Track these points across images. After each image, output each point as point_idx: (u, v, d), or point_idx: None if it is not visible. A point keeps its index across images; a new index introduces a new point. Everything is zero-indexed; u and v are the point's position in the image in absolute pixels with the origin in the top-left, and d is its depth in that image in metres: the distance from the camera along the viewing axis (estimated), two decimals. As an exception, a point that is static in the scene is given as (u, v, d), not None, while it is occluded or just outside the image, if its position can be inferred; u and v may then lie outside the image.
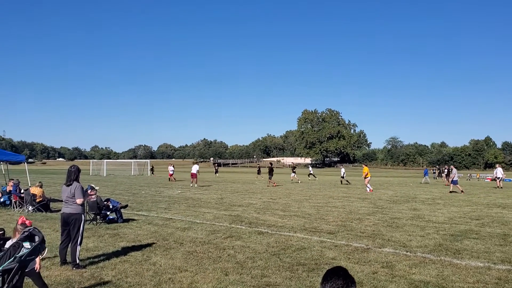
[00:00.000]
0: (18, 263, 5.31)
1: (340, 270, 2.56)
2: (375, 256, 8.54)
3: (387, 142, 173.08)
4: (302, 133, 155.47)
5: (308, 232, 11.41)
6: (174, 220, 13.51)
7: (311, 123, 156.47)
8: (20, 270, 5.36)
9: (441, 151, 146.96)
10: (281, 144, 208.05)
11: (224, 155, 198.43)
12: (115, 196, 21.05)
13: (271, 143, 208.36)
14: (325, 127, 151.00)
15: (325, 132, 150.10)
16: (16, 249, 5.43)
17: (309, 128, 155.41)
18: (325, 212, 15.75)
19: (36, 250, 5.59)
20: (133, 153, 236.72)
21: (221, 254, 8.70)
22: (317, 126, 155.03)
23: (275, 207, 17.56)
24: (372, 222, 13.30)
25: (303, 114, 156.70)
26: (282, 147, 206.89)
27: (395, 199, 21.78)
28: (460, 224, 12.85)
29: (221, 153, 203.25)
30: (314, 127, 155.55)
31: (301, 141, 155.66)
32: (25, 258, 5.40)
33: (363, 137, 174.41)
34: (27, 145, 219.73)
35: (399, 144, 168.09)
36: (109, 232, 11.37)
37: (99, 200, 13.07)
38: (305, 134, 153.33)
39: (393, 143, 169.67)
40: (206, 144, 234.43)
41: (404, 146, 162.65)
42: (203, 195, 23.69)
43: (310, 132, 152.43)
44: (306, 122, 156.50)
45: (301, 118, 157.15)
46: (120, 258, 8.33)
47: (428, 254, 8.74)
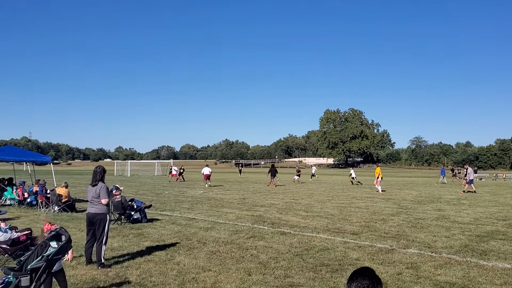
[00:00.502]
0: (46, 262, 5.41)
1: (367, 270, 2.55)
2: (400, 257, 8.45)
3: (411, 142, 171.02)
4: (324, 133, 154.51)
5: (331, 232, 11.34)
6: (197, 220, 13.59)
7: (333, 123, 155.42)
8: (47, 269, 5.47)
9: (466, 151, 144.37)
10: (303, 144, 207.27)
11: (246, 155, 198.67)
12: (139, 196, 21.29)
13: (293, 143, 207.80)
14: (348, 127, 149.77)
15: (348, 132, 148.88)
16: (43, 248, 5.54)
17: (331, 128, 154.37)
18: (348, 213, 15.64)
19: (63, 249, 5.69)
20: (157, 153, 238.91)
21: (244, 254, 8.71)
22: (340, 126, 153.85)
23: (297, 207, 17.51)
24: (396, 222, 13.15)
25: (326, 114, 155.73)
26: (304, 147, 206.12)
27: (420, 199, 21.49)
28: (486, 225, 12.61)
29: (243, 153, 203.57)
30: (337, 127, 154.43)
31: (323, 141, 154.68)
32: (52, 257, 5.50)
33: (386, 137, 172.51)
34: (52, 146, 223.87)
35: (423, 144, 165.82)
36: (133, 231, 11.49)
37: (124, 200, 13.23)
38: (327, 134, 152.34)
39: (417, 143, 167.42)
40: (228, 145, 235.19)
41: (428, 146, 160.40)
42: (225, 195, 23.77)
43: (332, 132, 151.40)
44: (328, 122, 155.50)
45: (323, 118, 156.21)
46: (145, 257, 8.41)
47: (454, 255, 8.60)
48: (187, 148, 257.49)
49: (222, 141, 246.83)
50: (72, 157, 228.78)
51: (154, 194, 24.75)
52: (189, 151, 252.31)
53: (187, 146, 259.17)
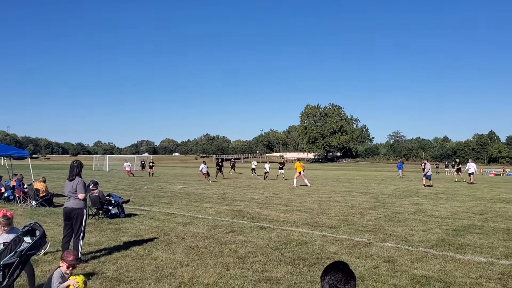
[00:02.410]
0: (19, 258, 5.31)
1: (340, 264, 2.55)
2: (377, 250, 8.52)
3: (389, 136, 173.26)
4: (305, 128, 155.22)
5: (310, 226, 11.39)
6: (175, 215, 13.51)
7: (314, 118, 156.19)
8: (21, 265, 5.36)
9: (444, 146, 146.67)
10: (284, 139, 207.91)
11: (227, 150, 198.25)
12: (117, 191, 21.08)
13: (274, 138, 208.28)
14: (328, 122, 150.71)
15: (328, 127, 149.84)
16: (17, 244, 5.43)
17: (312, 123, 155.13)
18: (327, 207, 15.73)
19: (37, 245, 5.59)
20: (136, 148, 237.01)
21: (222, 249, 8.69)
22: (320, 121, 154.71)
23: (277, 202, 17.54)
24: (374, 216, 13.27)
25: (306, 109, 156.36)
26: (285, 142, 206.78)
27: (397, 193, 21.74)
28: (463, 219, 12.81)
29: (224, 148, 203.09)
30: (317, 122, 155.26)
31: (304, 136, 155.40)
32: (25, 253, 5.40)
33: (365, 132, 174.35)
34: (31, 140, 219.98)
35: (401, 138, 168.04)
36: (111, 226, 11.38)
37: (101, 195, 13.10)
38: (308, 129, 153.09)
39: (396, 137, 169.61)
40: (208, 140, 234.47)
41: (406, 141, 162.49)
42: (205, 190, 23.69)
43: (313, 127, 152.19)
44: (309, 117, 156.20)
45: (304, 113, 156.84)
46: (122, 252, 8.33)
47: (431, 249, 8.71)
48: (167, 142, 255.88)
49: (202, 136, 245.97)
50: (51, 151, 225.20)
51: (133, 189, 24.53)
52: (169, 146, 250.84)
53: (167, 141, 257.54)
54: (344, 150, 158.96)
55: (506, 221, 12.55)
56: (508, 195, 21.50)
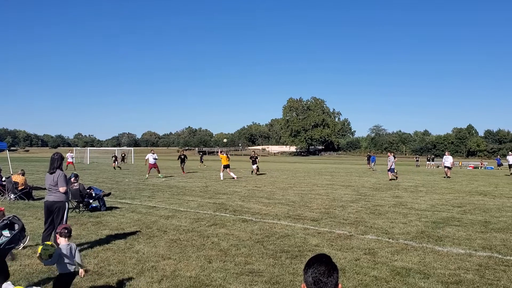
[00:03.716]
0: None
1: (323, 257, 2.56)
2: (358, 243, 8.60)
3: (370, 130, 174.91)
4: (287, 121, 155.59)
5: (292, 219, 11.44)
6: (157, 208, 13.44)
7: (296, 111, 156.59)
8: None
9: (424, 139, 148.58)
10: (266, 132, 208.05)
11: (209, 143, 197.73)
12: (98, 184, 20.89)
13: (256, 131, 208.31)
14: (310, 116, 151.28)
15: (310, 120, 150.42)
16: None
17: (294, 117, 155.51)
18: (309, 200, 15.82)
19: (16, 238, 5.50)
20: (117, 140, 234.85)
21: (204, 242, 8.68)
22: (302, 115, 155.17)
23: (259, 194, 17.58)
24: (355, 209, 13.39)
25: (288, 103, 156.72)
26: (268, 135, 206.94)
27: (378, 186, 21.96)
28: (442, 212, 13.00)
29: (206, 141, 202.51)
30: (299, 116, 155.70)
31: (286, 130, 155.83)
32: (4, 247, 5.31)
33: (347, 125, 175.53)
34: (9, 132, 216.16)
35: (382, 132, 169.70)
36: (91, 220, 11.27)
37: (82, 188, 12.95)
38: (290, 123, 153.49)
39: (377, 131, 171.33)
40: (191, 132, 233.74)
41: (387, 134, 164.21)
42: (187, 183, 23.61)
43: (295, 121, 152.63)
44: (291, 110, 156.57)
45: (286, 106, 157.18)
46: (103, 246, 8.26)
47: (410, 241, 8.82)
48: (149, 135, 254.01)
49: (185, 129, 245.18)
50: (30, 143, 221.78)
51: (114, 182, 24.32)
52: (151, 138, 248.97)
53: (149, 133, 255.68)
54: (326, 144, 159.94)
55: (484, 213, 12.78)
56: (485, 188, 21.89)
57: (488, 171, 46.98)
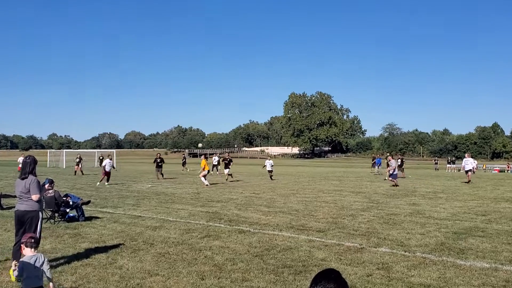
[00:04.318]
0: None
1: (332, 272, 2.55)
2: (370, 256, 8.61)
3: (383, 129, 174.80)
4: (289, 119, 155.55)
5: (295, 230, 11.45)
6: (143, 218, 13.45)
7: (299, 108, 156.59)
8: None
9: (444, 139, 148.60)
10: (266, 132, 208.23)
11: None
12: (76, 191, 20.87)
13: (254, 130, 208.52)
14: (315, 113, 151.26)
15: (315, 118, 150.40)
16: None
17: (296, 114, 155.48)
18: (314, 208, 15.84)
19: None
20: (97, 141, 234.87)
21: (196, 256, 8.68)
22: (306, 112, 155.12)
23: (258, 202, 17.60)
24: (367, 218, 13.41)
25: (290, 98, 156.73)
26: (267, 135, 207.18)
27: (392, 192, 22.00)
28: (464, 221, 13.02)
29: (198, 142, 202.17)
30: (303, 113, 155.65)
31: (287, 129, 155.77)
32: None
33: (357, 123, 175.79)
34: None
35: (397, 131, 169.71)
36: (69, 231, 11.26)
37: (58, 195, 12.93)
38: (292, 121, 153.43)
39: (391, 130, 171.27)
40: (180, 132, 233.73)
41: (402, 134, 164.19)
42: (176, 189, 23.62)
43: (298, 118, 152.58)
44: (293, 107, 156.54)
45: (288, 102, 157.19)
46: (82, 261, 8.25)
47: (429, 254, 8.84)
48: (133, 135, 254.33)
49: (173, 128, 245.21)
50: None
51: (94, 188, 24.31)
52: (135, 139, 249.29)
53: (133, 134, 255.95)
54: (333, 144, 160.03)
55: (511, 222, 12.80)
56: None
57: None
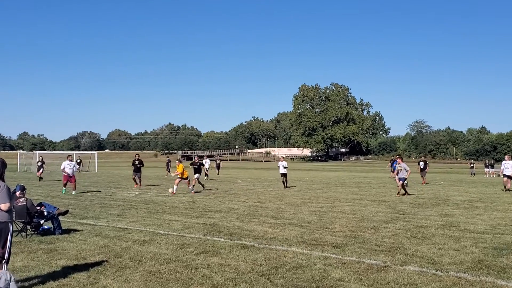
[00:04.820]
0: None
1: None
2: (395, 276, 8.60)
3: (410, 127, 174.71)
4: (299, 115, 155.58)
5: (307, 245, 11.44)
6: (130, 231, 13.46)
7: (311, 102, 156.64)
8: None
9: (481, 139, 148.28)
10: (272, 130, 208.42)
11: (196, 144, 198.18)
12: (51, 200, 20.93)
13: (258, 129, 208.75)
14: (330, 108, 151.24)
15: (330, 114, 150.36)
16: None
17: (308, 109, 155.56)
18: (329, 219, 15.83)
19: None
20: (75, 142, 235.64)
21: (192, 275, 8.69)
22: (319, 107, 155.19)
23: (263, 213, 17.60)
24: (391, 232, 13.39)
25: (301, 91, 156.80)
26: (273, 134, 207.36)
27: (421, 201, 21.96)
28: (505, 234, 12.99)
29: (192, 142, 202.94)
30: (315, 108, 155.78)
31: (298, 127, 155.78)
32: None
33: (379, 121, 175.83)
34: None
35: (426, 130, 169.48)
36: (43, 246, 11.28)
37: (30, 204, 12.93)
38: (303, 117, 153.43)
39: (419, 128, 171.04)
40: (172, 131, 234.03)
41: (432, 133, 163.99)
42: (168, 197, 23.65)
43: (309, 115, 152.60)
44: (304, 101, 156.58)
45: (298, 95, 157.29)
46: (59, 281, 8.26)
47: (464, 273, 8.81)
48: (117, 134, 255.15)
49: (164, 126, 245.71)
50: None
51: (72, 196, 24.36)
52: (120, 139, 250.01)
53: (117, 133, 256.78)
54: (351, 145, 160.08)
55: (561, 236, 12.76)
56: None
57: None
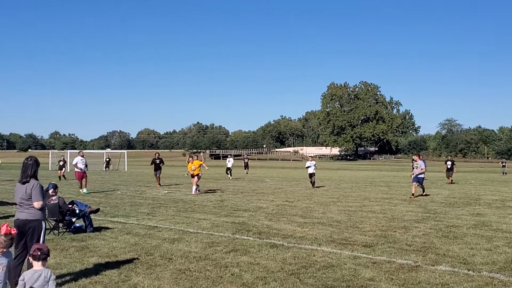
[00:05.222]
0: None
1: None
2: (427, 276, 8.53)
3: (441, 126, 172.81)
4: (327, 114, 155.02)
5: (336, 244, 11.41)
6: (160, 229, 13.56)
7: (339, 101, 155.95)
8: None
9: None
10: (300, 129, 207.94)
11: (224, 144, 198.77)
12: (82, 198, 21.15)
13: (286, 128, 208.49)
14: (359, 107, 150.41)
15: (359, 113, 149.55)
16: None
17: (337, 108, 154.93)
18: (359, 219, 15.75)
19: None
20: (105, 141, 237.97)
21: (222, 273, 8.72)
22: (348, 105, 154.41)
23: (292, 212, 17.59)
24: (422, 231, 13.29)
25: (330, 90, 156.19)
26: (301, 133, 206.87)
27: (452, 200, 21.74)
28: (539, 234, 12.81)
29: (220, 141, 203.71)
30: (344, 107, 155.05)
31: (326, 125, 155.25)
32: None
33: (409, 119, 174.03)
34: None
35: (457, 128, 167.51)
36: (75, 244, 11.42)
37: (62, 202, 13.08)
38: (331, 116, 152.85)
39: (449, 127, 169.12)
40: (200, 130, 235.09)
41: (463, 131, 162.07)
42: (197, 196, 23.74)
43: (338, 113, 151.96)
44: (333, 99, 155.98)
45: (326, 94, 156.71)
46: (90, 278, 8.35)
47: (497, 273, 8.71)
48: (146, 134, 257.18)
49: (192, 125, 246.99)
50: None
51: (103, 194, 24.63)
52: (149, 138, 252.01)
53: (146, 132, 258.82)
54: (381, 144, 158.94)
55: None
56: None
57: None
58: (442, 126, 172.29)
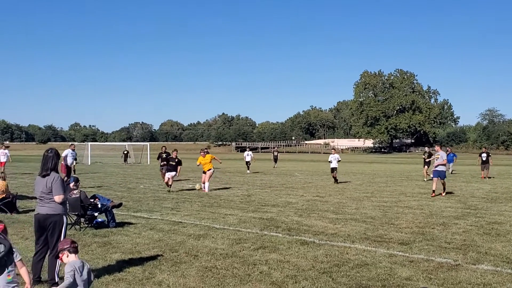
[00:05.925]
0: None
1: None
2: (468, 275, 8.47)
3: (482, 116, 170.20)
4: (360, 104, 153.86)
5: (371, 242, 11.38)
6: (184, 225, 13.65)
7: (373, 90, 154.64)
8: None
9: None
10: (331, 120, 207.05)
11: (251, 136, 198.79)
12: (104, 192, 21.35)
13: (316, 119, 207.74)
14: (394, 96, 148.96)
15: (394, 102, 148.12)
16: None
17: (370, 98, 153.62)
18: (394, 215, 15.68)
19: (2, 264, 5.71)
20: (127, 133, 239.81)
21: (250, 271, 8.75)
22: (383, 95, 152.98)
23: (323, 207, 17.56)
24: (462, 228, 13.18)
25: (363, 78, 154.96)
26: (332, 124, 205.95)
27: (494, 196, 21.52)
28: None
29: (247, 133, 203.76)
30: (378, 96, 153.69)
31: (359, 116, 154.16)
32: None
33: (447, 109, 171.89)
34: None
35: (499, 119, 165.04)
36: (97, 240, 11.55)
37: (83, 196, 13.19)
38: (365, 106, 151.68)
39: (491, 117, 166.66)
40: (225, 121, 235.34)
41: (506, 122, 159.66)
42: (223, 191, 23.83)
43: (372, 103, 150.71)
44: (366, 89, 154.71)
45: (359, 83, 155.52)
46: (114, 275, 8.45)
47: (543, 273, 8.62)
48: (170, 125, 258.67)
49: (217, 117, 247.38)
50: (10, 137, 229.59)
51: (125, 188, 24.86)
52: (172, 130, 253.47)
53: (170, 123, 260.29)
54: (417, 136, 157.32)
55: None
56: None
57: None
58: (483, 116, 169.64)
